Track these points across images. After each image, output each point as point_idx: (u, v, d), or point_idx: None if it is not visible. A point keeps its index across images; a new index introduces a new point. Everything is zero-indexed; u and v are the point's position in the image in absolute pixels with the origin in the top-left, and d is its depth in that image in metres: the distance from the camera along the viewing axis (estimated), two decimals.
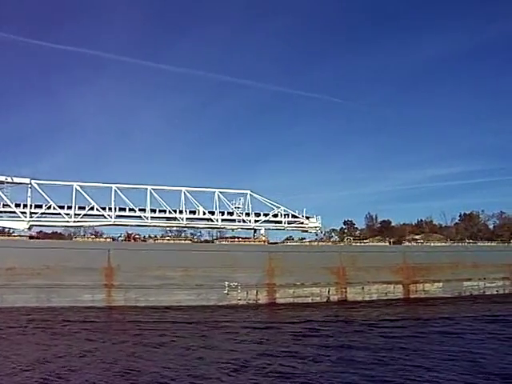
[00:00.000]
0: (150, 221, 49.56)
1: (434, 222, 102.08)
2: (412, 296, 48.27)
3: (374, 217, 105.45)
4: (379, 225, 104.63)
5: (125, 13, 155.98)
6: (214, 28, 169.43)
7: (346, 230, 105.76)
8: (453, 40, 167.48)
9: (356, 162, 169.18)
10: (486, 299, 47.21)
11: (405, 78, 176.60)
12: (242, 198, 52.08)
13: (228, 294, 42.96)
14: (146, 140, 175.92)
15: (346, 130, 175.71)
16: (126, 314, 36.00)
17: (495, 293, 50.88)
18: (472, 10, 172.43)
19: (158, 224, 51.26)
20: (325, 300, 45.91)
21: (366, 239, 56.87)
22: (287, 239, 66.25)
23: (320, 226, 52.89)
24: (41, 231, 54.21)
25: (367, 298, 47.02)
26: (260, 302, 43.50)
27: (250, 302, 43.31)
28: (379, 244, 51.37)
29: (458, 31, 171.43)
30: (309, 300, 45.30)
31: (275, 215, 52.32)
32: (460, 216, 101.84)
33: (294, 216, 52.54)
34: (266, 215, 52.21)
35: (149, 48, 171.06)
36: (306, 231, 54.19)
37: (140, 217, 49.35)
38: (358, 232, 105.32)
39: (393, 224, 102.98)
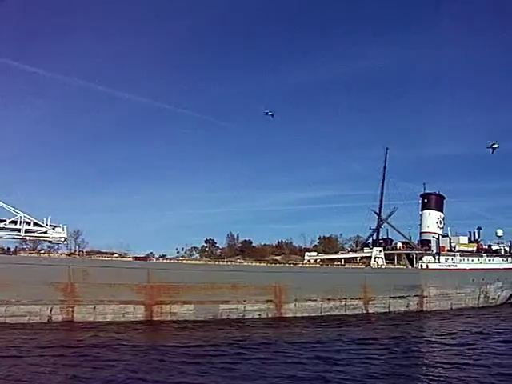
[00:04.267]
0: None
1: (293, 244, 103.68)
2: (156, 318, 43.26)
3: (235, 236, 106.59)
4: (240, 244, 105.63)
5: None
6: (89, 36, 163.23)
7: (207, 249, 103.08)
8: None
9: (220, 181, 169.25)
10: (241, 323, 43.27)
11: (279, 100, 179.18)
12: None
13: None
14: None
15: (216, 148, 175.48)
16: None
17: (257, 317, 46.86)
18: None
19: None
20: (46, 320, 40.46)
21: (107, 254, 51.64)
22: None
23: (65, 236, 47.68)
24: None
25: (100, 319, 41.88)
26: None
27: None
28: (120, 259, 46.70)
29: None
30: (25, 320, 39.78)
31: (13, 222, 46.78)
32: (319, 239, 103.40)
33: (36, 224, 47.17)
34: (1, 221, 46.56)
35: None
36: (50, 241, 49.04)
37: None
38: (219, 251, 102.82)
39: (254, 244, 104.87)
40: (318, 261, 58.95)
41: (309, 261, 58.85)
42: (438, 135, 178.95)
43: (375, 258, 55.10)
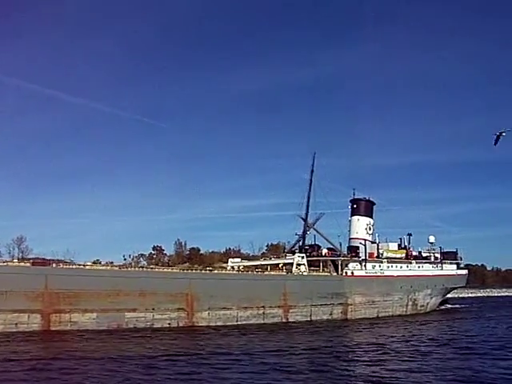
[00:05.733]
0: None
1: (242, 251, 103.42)
2: (54, 328, 40.48)
3: (183, 243, 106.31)
4: (188, 252, 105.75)
5: None
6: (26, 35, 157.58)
7: (154, 256, 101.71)
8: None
9: (169, 188, 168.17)
10: (149, 332, 40.74)
11: (224, 107, 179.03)
12: None
13: None
14: None
15: (160, 154, 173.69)
16: None
17: (167, 326, 44.65)
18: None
19: None
20: None
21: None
22: None
23: None
24: None
25: None
26: None
27: None
28: (17, 264, 43.77)
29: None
30: None
31: None
32: (267, 246, 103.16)
33: None
34: None
35: None
36: None
37: None
38: (166, 258, 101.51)
39: (202, 251, 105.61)
40: (241, 267, 57.05)
41: (232, 267, 56.89)
42: (371, 145, 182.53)
43: (297, 264, 53.55)
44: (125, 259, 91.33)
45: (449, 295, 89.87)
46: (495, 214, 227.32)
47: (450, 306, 77.75)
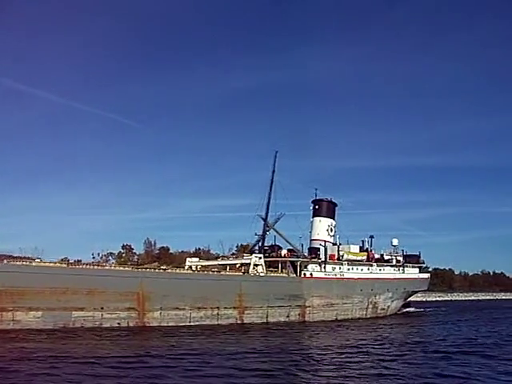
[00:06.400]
0: None
1: (211, 252, 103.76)
2: None
3: (152, 242, 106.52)
4: (158, 251, 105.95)
5: None
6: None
7: (124, 254, 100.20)
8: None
9: (141, 186, 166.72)
10: (96, 332, 39.35)
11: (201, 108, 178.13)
12: None
13: None
14: None
15: (133, 153, 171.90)
16: None
17: (116, 325, 43.42)
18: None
19: None
20: None
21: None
22: None
23: None
24: None
25: None
26: None
27: None
28: None
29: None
30: None
31: None
32: (237, 246, 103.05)
33: None
34: None
35: None
36: None
37: None
38: (136, 257, 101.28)
39: (171, 251, 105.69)
40: (198, 267, 56.08)
41: (190, 267, 55.87)
42: (336, 149, 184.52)
43: (254, 265, 52.79)
44: (94, 257, 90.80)
45: (417, 298, 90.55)
46: (463, 218, 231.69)
47: (412, 309, 77.99)
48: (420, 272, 74.44)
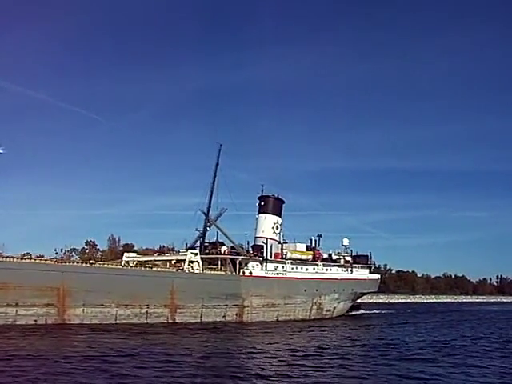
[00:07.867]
0: None
1: (176, 249, 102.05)
2: None
3: (116, 239, 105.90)
4: (121, 248, 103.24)
5: None
6: None
7: (87, 251, 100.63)
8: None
9: (105, 183, 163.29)
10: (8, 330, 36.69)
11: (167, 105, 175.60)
12: None
13: None
14: None
15: (97, 148, 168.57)
16: None
17: (33, 323, 40.85)
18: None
19: None
20: None
21: None
22: None
23: None
24: None
25: None
26: None
27: None
28: None
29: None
30: None
31: None
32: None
33: None
34: None
35: None
36: None
37: None
38: (99, 253, 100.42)
39: (136, 248, 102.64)
40: (135, 263, 53.71)
41: (127, 262, 53.46)
42: (292, 149, 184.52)
43: (190, 261, 50.71)
44: (56, 253, 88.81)
45: (379, 300, 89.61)
46: (427, 222, 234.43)
47: (362, 311, 76.89)
48: (370, 273, 73.40)
